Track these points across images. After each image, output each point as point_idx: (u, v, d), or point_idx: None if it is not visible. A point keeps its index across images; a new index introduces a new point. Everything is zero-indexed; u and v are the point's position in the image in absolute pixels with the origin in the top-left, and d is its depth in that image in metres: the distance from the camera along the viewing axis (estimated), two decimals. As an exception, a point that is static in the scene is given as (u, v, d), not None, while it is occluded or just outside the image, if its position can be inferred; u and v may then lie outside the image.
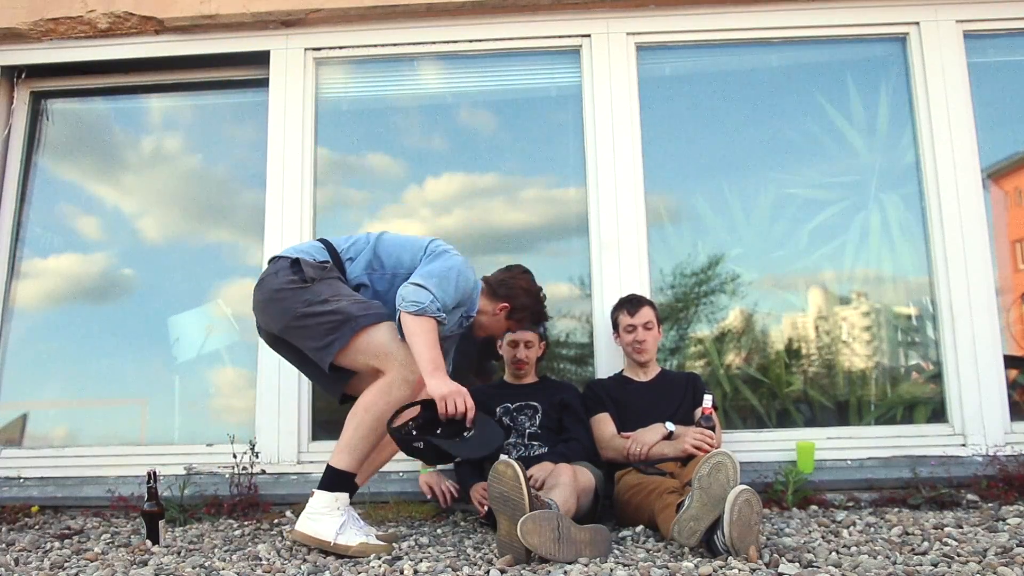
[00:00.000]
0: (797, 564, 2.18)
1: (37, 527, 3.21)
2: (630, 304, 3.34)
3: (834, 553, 2.33)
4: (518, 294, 3.00)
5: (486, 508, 2.92)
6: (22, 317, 3.98)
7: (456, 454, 2.57)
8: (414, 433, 2.51)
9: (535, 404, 3.24)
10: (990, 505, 3.04)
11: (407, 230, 4.02)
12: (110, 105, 4.24)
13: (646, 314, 3.30)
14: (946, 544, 2.41)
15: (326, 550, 2.48)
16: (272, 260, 2.86)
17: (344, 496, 2.55)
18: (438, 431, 2.53)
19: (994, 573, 2.07)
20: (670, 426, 3.07)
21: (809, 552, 2.33)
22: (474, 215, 4.02)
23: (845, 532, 2.66)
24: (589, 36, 3.84)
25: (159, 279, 4.08)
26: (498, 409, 3.25)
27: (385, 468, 3.01)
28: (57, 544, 2.86)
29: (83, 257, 4.11)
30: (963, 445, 3.44)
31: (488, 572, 2.24)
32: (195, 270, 4.07)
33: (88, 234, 4.15)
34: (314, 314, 2.62)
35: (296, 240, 3.72)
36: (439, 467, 3.23)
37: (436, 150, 4.11)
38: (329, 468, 2.58)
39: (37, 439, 3.89)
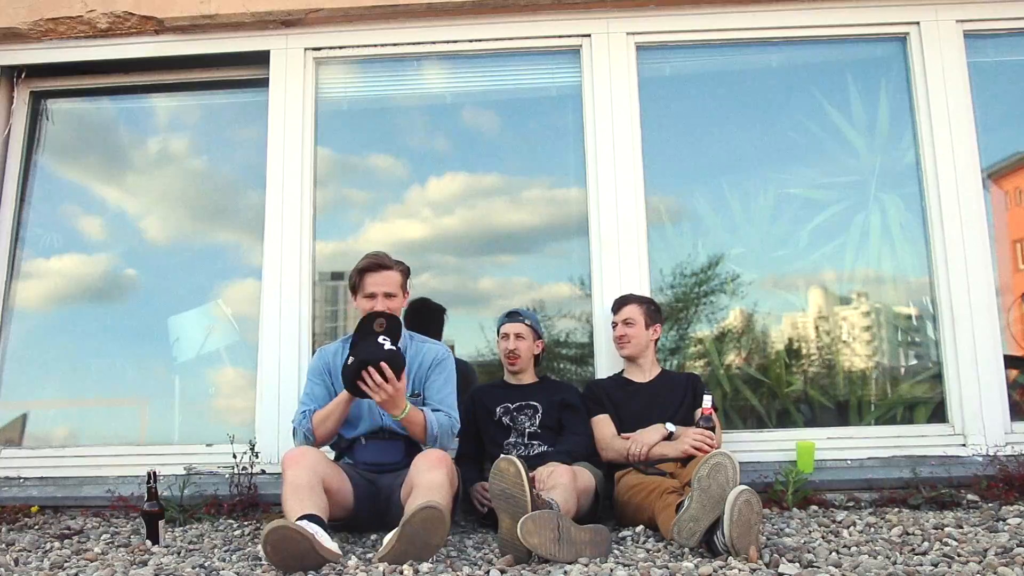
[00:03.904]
0: (797, 564, 2.18)
1: (37, 527, 3.21)
2: (615, 303, 3.41)
3: (834, 553, 2.33)
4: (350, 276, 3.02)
5: (486, 508, 2.92)
6: (22, 317, 3.97)
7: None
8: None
9: (535, 404, 3.24)
10: (990, 505, 3.04)
11: (408, 230, 4.05)
12: (110, 105, 4.24)
13: (627, 311, 3.34)
14: (946, 544, 2.41)
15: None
16: None
17: None
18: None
19: (994, 573, 2.07)
20: (670, 427, 3.07)
21: (809, 552, 2.33)
22: (474, 215, 4.03)
23: (845, 532, 2.65)
24: (589, 36, 3.83)
25: (160, 279, 4.09)
26: (498, 409, 3.25)
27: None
28: (57, 544, 2.86)
29: (83, 257, 4.11)
30: (963, 445, 3.44)
31: (488, 572, 2.23)
32: (197, 270, 4.07)
33: (89, 234, 4.15)
34: None
35: (296, 240, 3.73)
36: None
37: (436, 150, 4.12)
38: None
39: (37, 439, 3.89)
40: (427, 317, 3.76)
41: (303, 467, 2.59)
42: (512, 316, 3.37)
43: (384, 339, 2.70)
